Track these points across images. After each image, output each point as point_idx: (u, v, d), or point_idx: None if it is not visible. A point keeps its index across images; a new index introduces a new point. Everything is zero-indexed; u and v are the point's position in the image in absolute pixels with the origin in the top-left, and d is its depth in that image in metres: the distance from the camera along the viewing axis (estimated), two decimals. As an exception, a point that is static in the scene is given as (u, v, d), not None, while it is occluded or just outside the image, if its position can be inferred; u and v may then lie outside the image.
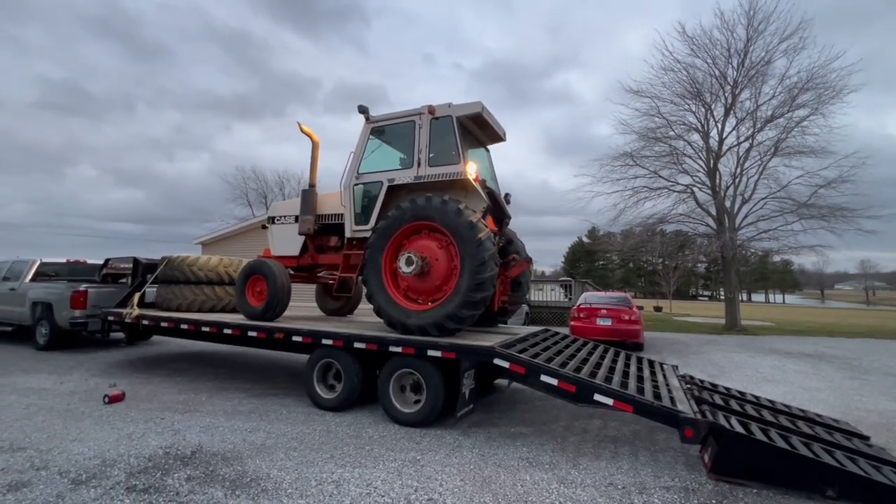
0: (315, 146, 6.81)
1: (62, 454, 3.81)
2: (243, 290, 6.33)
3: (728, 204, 18.29)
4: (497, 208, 5.89)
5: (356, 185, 5.89)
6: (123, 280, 9.49)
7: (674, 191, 19.16)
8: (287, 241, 6.71)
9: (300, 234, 6.50)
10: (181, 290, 7.49)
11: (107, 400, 5.31)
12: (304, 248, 6.65)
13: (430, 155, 5.42)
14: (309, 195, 6.49)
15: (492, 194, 5.63)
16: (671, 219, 19.38)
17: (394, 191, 5.60)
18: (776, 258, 28.99)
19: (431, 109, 5.43)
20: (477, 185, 5.25)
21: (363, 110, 5.91)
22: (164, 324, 6.74)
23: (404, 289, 5.24)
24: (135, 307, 7.12)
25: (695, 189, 18.93)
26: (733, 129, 18.61)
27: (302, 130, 6.72)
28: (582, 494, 3.30)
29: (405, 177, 5.52)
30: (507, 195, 6.34)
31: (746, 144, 18.17)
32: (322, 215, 6.49)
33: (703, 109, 18.79)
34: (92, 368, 7.43)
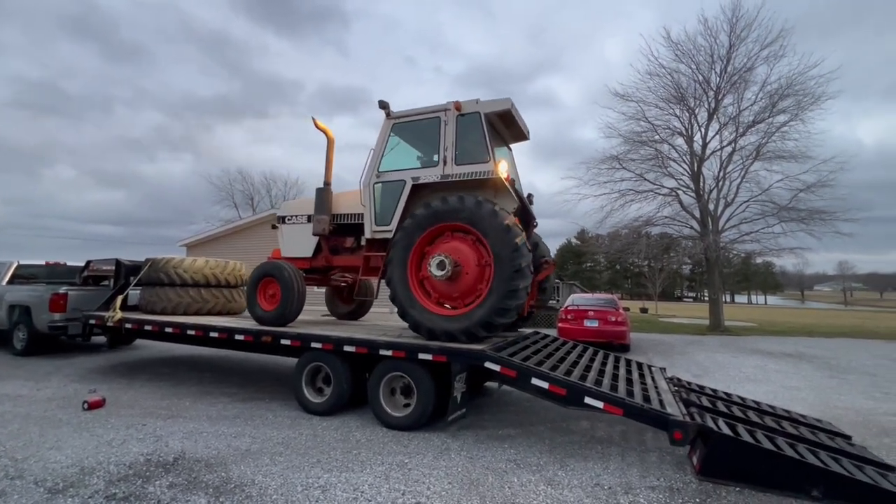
0: (330, 143, 6.56)
1: (38, 462, 3.69)
2: (254, 293, 6.07)
3: (711, 207, 18.65)
4: (524, 210, 5.72)
5: (376, 183, 5.67)
6: (105, 282, 9.26)
7: (659, 194, 19.49)
8: (299, 242, 6.48)
9: (314, 234, 6.27)
10: (166, 292, 7.32)
11: (86, 406, 5.16)
12: (318, 249, 6.43)
13: (456, 153, 5.26)
14: (324, 194, 6.27)
15: (518, 195, 5.48)
16: (657, 221, 19.71)
17: (416, 190, 5.40)
18: (758, 260, 29.60)
19: (458, 105, 5.22)
20: (508, 184, 5.10)
21: (384, 105, 5.64)
22: (147, 327, 6.58)
23: (432, 293, 5.08)
24: (117, 310, 6.94)
25: (679, 192, 19.27)
26: (716, 133, 19.02)
27: (317, 126, 6.46)
28: (569, 495, 3.31)
29: (431, 175, 5.31)
30: (529, 195, 6.11)
31: (729, 149, 18.58)
32: (338, 215, 6.28)
33: (687, 114, 19.18)
34: (71, 374, 7.23)
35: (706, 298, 23.08)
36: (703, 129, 19.08)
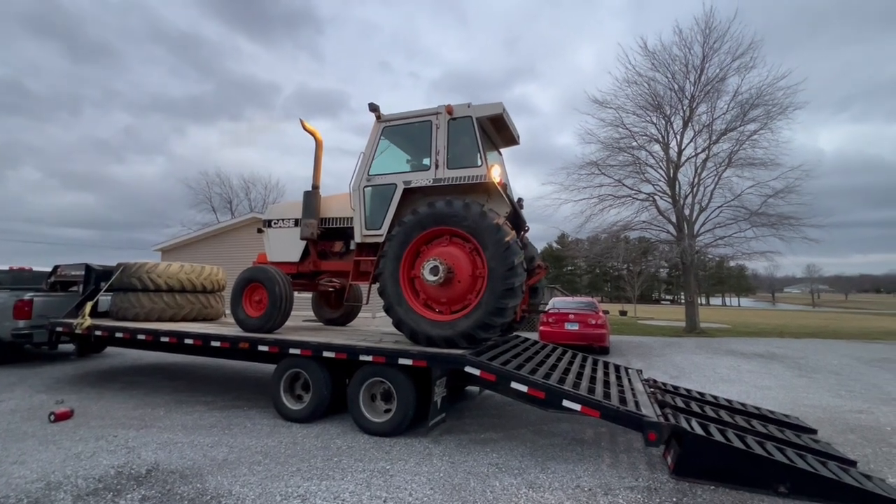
0: (319, 145, 6.44)
1: (1, 478, 3.53)
2: (240, 299, 5.90)
3: (687, 212, 19.17)
4: (515, 214, 5.69)
5: (367, 186, 5.61)
6: (74, 288, 8.92)
7: (637, 199, 19.93)
8: (286, 246, 6.36)
9: (302, 238, 6.16)
10: (139, 298, 7.11)
11: (53, 418, 4.96)
12: (305, 254, 6.32)
13: (448, 157, 5.22)
14: (312, 197, 6.17)
15: (510, 200, 5.47)
16: (635, 226, 20.15)
17: (408, 194, 5.36)
18: (731, 263, 30.62)
19: (450, 109, 5.21)
20: (500, 189, 5.09)
21: (374, 108, 5.58)
22: (118, 334, 6.37)
23: (421, 294, 5.03)
24: (87, 317, 6.70)
25: (656, 197, 19.75)
26: (691, 140, 19.60)
27: (305, 128, 6.36)
28: (550, 498, 3.34)
29: (423, 179, 5.26)
30: (519, 200, 6.09)
31: (703, 155, 19.15)
32: (326, 219, 6.20)
33: (663, 121, 19.70)
34: (36, 384, 6.94)
35: (683, 301, 23.66)
36: (678, 137, 19.64)
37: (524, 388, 4.21)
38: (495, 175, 5.01)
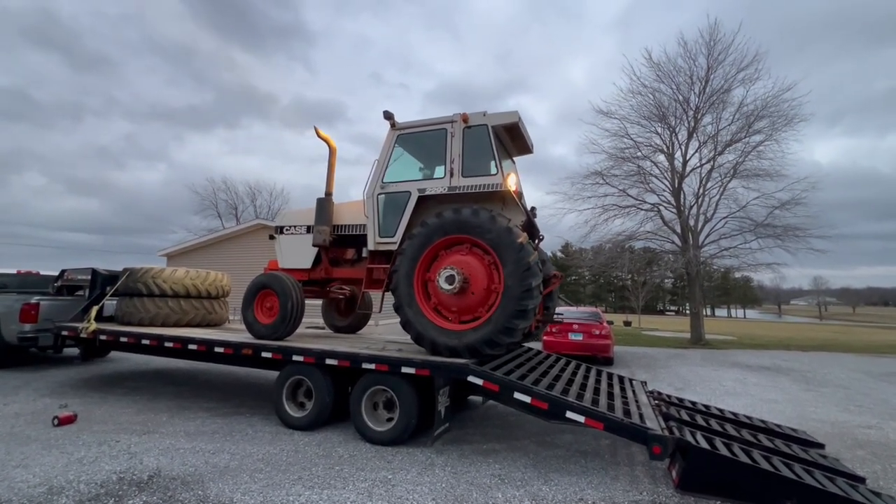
0: (332, 152, 6.48)
1: (3, 482, 3.54)
2: (251, 305, 5.91)
3: (692, 222, 19.09)
4: (529, 223, 5.65)
5: (381, 194, 5.63)
6: (81, 292, 9.00)
7: (641, 209, 19.87)
8: (298, 253, 6.38)
9: (314, 245, 6.18)
10: (144, 303, 7.16)
11: (56, 422, 4.98)
12: (317, 261, 6.33)
13: (463, 165, 5.23)
14: (325, 204, 6.20)
15: (524, 208, 5.46)
16: (639, 236, 20.06)
17: (422, 202, 5.38)
18: (737, 275, 30.41)
19: (465, 117, 5.24)
20: (516, 197, 5.09)
21: (388, 116, 5.61)
22: (123, 339, 6.40)
23: (432, 297, 5.01)
24: (92, 321, 6.75)
25: (661, 208, 19.69)
26: (696, 151, 19.56)
27: (319, 135, 6.42)
28: (554, 512, 3.31)
29: (438, 187, 5.28)
30: (532, 208, 6.01)
31: (708, 166, 19.10)
32: (339, 226, 6.21)
33: (667, 132, 19.70)
34: (41, 388, 6.96)
35: (688, 312, 23.49)
36: (683, 147, 19.62)
37: (527, 399, 4.18)
38: (511, 183, 5.02)
